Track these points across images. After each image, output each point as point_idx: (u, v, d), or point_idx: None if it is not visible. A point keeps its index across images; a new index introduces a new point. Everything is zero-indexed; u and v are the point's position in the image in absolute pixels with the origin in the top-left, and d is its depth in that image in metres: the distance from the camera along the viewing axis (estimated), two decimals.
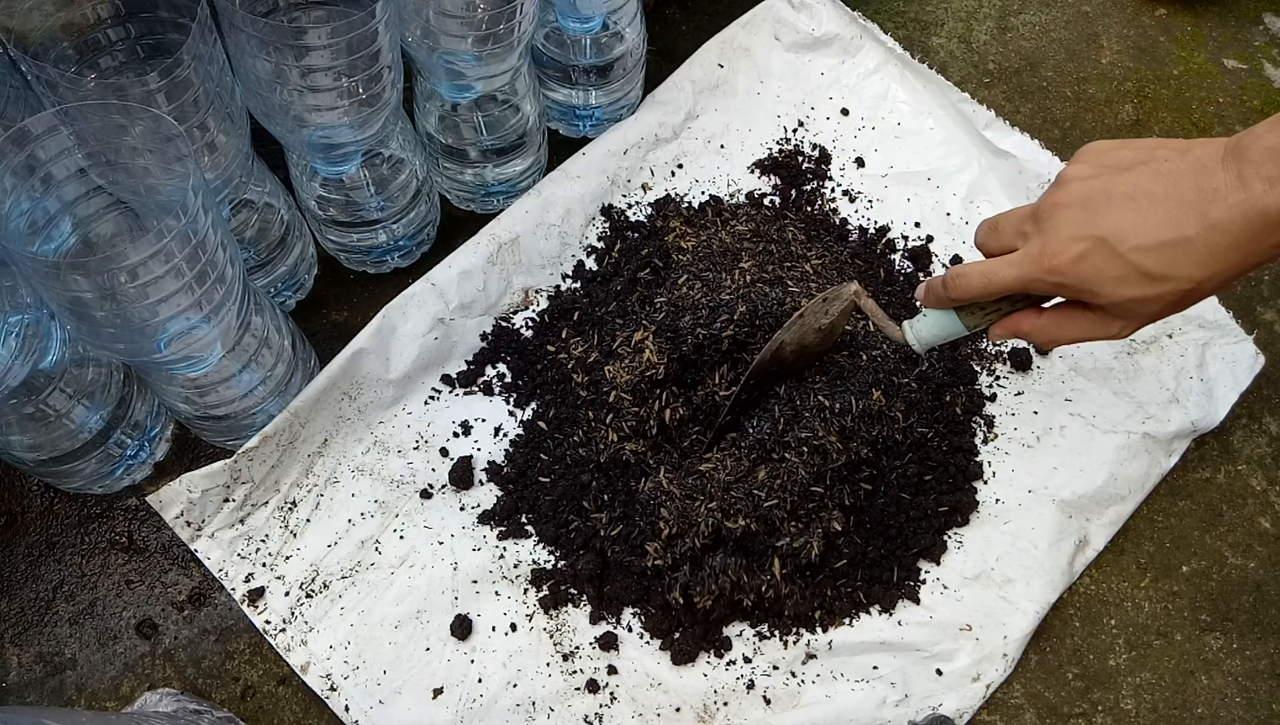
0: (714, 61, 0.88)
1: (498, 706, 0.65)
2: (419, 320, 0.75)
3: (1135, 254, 0.47)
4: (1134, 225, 0.47)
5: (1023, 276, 0.51)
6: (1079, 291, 0.49)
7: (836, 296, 0.61)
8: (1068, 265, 0.48)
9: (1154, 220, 0.47)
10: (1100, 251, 0.48)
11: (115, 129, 0.54)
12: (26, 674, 0.67)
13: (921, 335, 0.58)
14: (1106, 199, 0.48)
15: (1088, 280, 0.48)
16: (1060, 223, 0.49)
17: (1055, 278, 0.49)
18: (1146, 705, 0.67)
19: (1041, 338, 0.54)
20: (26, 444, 0.65)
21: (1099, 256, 0.48)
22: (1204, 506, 0.74)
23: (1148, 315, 0.50)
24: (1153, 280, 0.47)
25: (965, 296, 0.54)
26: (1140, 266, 0.47)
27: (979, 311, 0.55)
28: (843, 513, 0.66)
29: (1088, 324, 0.52)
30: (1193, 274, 0.47)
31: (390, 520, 0.71)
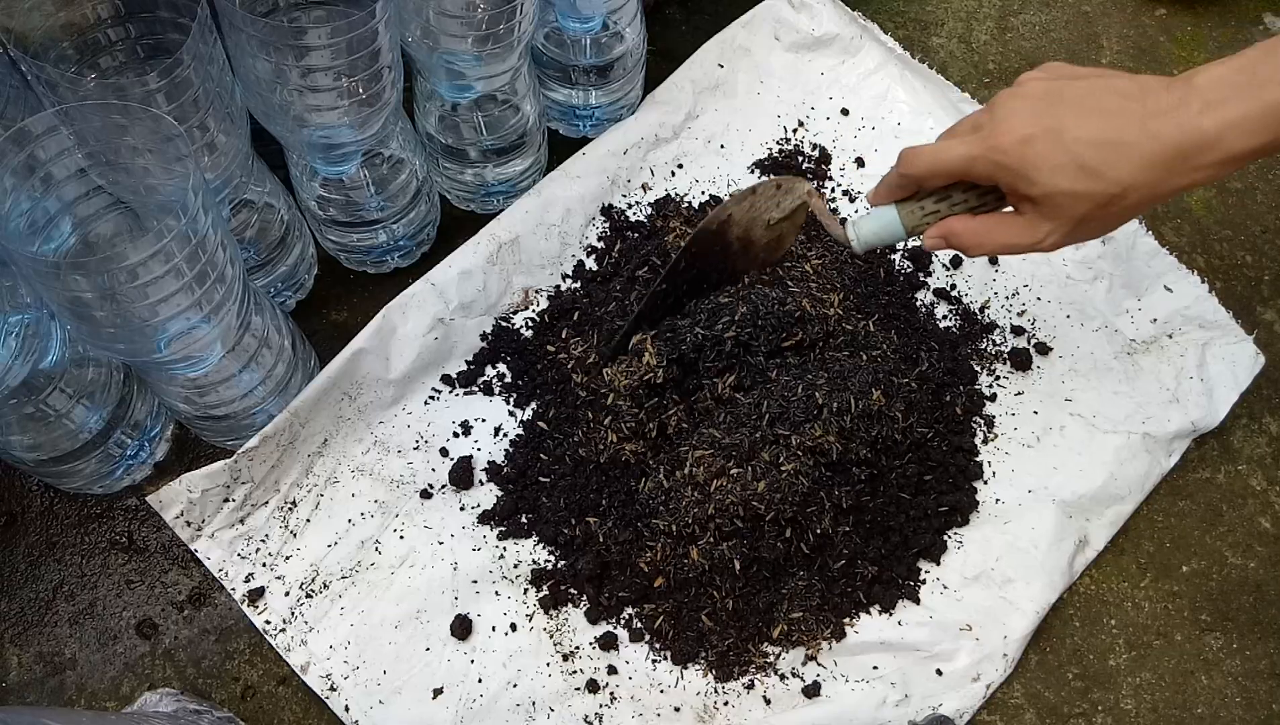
0: (714, 61, 0.88)
1: (498, 706, 0.65)
2: (419, 320, 0.75)
3: (1076, 145, 0.50)
4: (1079, 121, 0.50)
5: (968, 153, 0.53)
6: (1017, 174, 0.52)
7: (790, 190, 0.62)
8: (1013, 145, 0.51)
9: (1098, 121, 0.50)
10: (1045, 138, 0.50)
11: (115, 129, 0.54)
12: (26, 674, 0.67)
13: (862, 232, 0.59)
14: (1059, 97, 0.51)
15: (1028, 163, 0.51)
16: (1012, 111, 0.52)
17: (998, 156, 0.52)
18: (1146, 705, 0.67)
19: (970, 241, 0.56)
20: (26, 444, 0.65)
21: (1043, 143, 0.50)
22: (1204, 506, 0.74)
23: (1074, 217, 0.52)
24: (1087, 174, 0.50)
25: (913, 170, 0.56)
26: (1079, 157, 0.50)
27: (918, 210, 0.57)
28: (842, 513, 0.66)
29: (1017, 229, 0.54)
30: (1123, 177, 0.50)
31: (390, 520, 0.71)
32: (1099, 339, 0.78)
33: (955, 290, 0.80)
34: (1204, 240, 0.84)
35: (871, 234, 0.59)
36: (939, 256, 0.81)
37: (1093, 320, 0.78)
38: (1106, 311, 0.79)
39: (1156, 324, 0.78)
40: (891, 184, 0.58)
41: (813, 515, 0.65)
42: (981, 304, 0.79)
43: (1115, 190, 0.50)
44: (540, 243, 0.79)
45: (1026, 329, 0.78)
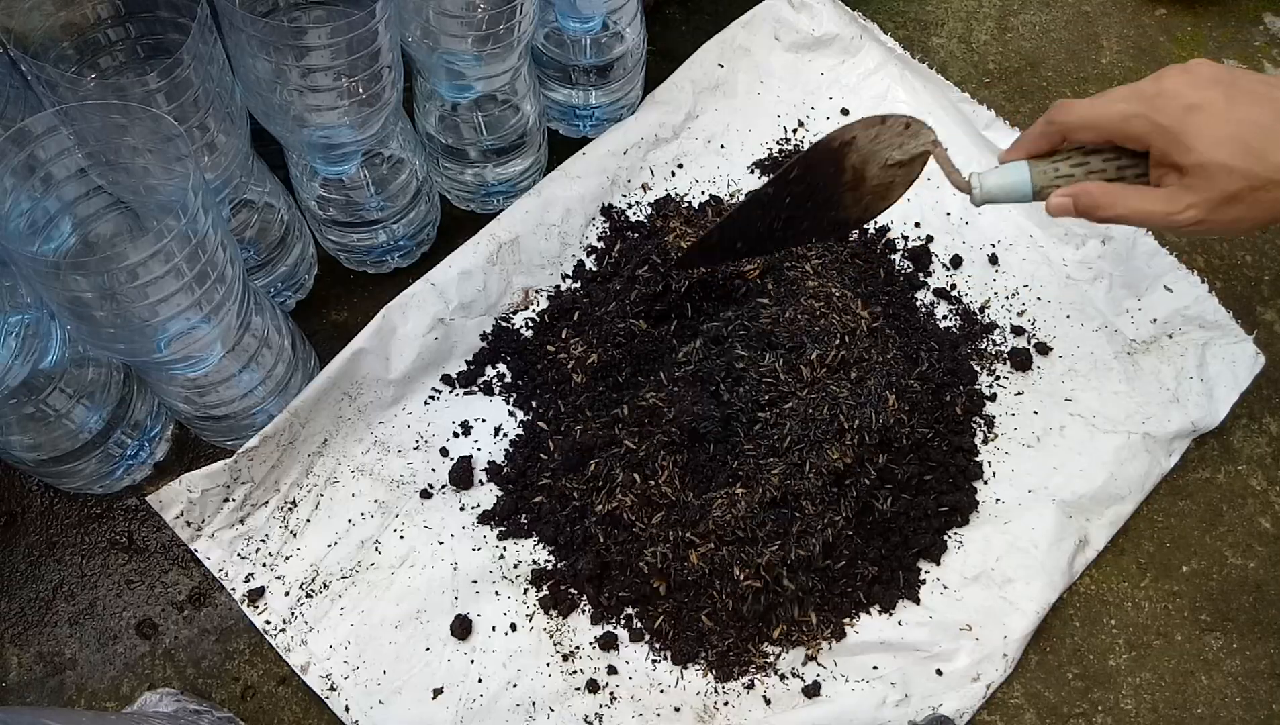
0: (714, 61, 0.88)
1: (498, 706, 0.65)
2: (419, 320, 0.75)
3: (1243, 124, 0.49)
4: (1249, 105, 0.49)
5: (1128, 110, 0.52)
6: (1174, 139, 0.50)
7: (916, 133, 0.60)
8: (1177, 109, 0.50)
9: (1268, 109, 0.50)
10: (1211, 110, 0.49)
11: (115, 129, 0.54)
12: (26, 674, 0.67)
13: (988, 184, 0.57)
14: (1232, 82, 0.51)
15: (1189, 129, 0.50)
16: (1182, 81, 0.51)
17: (1160, 116, 0.50)
18: (1146, 705, 0.67)
19: (1104, 200, 0.54)
20: (26, 444, 0.65)
21: (1208, 113, 0.49)
22: (1204, 506, 0.74)
23: (1223, 194, 0.50)
24: (1249, 152, 0.49)
25: (1066, 118, 0.54)
26: (1243, 134, 0.49)
27: (1051, 171, 0.56)
28: (845, 516, 0.66)
29: (1156, 198, 0.52)
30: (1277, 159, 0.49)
31: (390, 520, 0.71)
32: (1099, 339, 0.78)
33: (955, 290, 0.80)
34: (1204, 240, 0.84)
35: (998, 187, 0.57)
36: (939, 256, 0.81)
37: (1093, 320, 0.78)
38: (1106, 311, 0.79)
39: (1156, 324, 0.78)
40: (1035, 134, 0.56)
41: (817, 517, 0.65)
42: (981, 304, 0.79)
43: (1274, 175, 0.49)
44: (540, 243, 0.79)
45: (1026, 329, 0.78)
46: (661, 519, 0.66)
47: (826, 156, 0.60)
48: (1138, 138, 0.52)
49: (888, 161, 0.61)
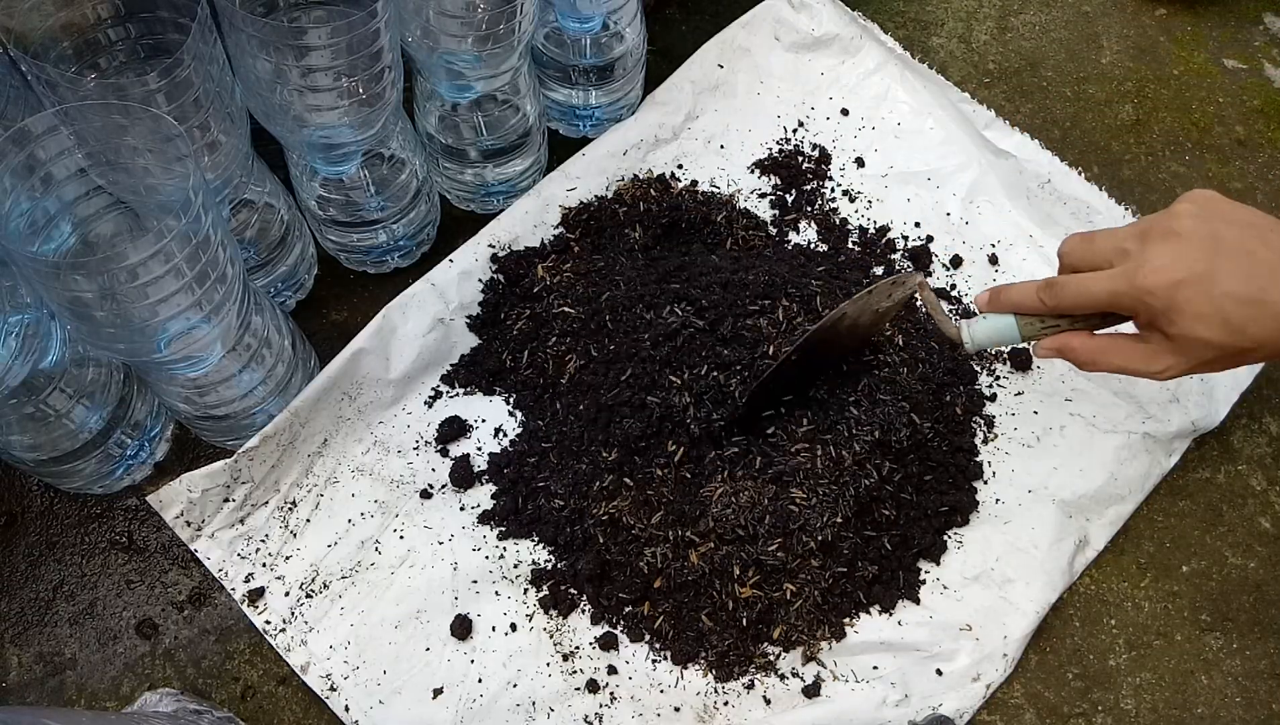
0: (714, 62, 0.88)
1: (498, 706, 0.65)
2: (419, 320, 0.75)
3: (1224, 299, 0.50)
4: (1231, 274, 0.51)
5: (1115, 291, 0.54)
6: (1160, 314, 0.52)
7: (903, 283, 0.63)
8: (1164, 288, 0.51)
9: (1249, 276, 0.51)
10: (1194, 285, 0.51)
11: (115, 129, 0.54)
12: (26, 674, 0.67)
13: (977, 337, 0.60)
14: (1215, 242, 0.51)
15: (1174, 307, 0.51)
16: (1167, 249, 0.52)
17: (1146, 297, 0.52)
18: (1146, 705, 0.67)
19: (1085, 359, 0.57)
20: (26, 444, 0.65)
21: (1194, 289, 0.51)
22: (1204, 506, 0.74)
23: (1200, 361, 0.53)
24: (1229, 329, 0.51)
25: (1060, 304, 0.56)
26: (1224, 312, 0.51)
27: (1038, 323, 0.58)
28: (845, 516, 0.66)
29: (1138, 355, 0.55)
30: (1260, 335, 0.51)
31: (390, 520, 0.71)
32: None
33: (955, 290, 0.80)
34: None
35: (986, 338, 0.60)
36: (939, 256, 0.81)
37: None
38: None
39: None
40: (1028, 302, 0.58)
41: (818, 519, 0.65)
42: None
43: (1249, 346, 0.52)
44: (540, 243, 0.79)
45: None
46: (660, 519, 0.66)
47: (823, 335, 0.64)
48: (1127, 310, 0.55)
49: (878, 309, 0.65)
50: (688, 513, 0.66)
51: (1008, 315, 0.59)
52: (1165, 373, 0.55)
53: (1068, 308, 0.56)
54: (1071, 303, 0.55)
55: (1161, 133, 0.90)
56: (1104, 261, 0.54)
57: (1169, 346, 0.54)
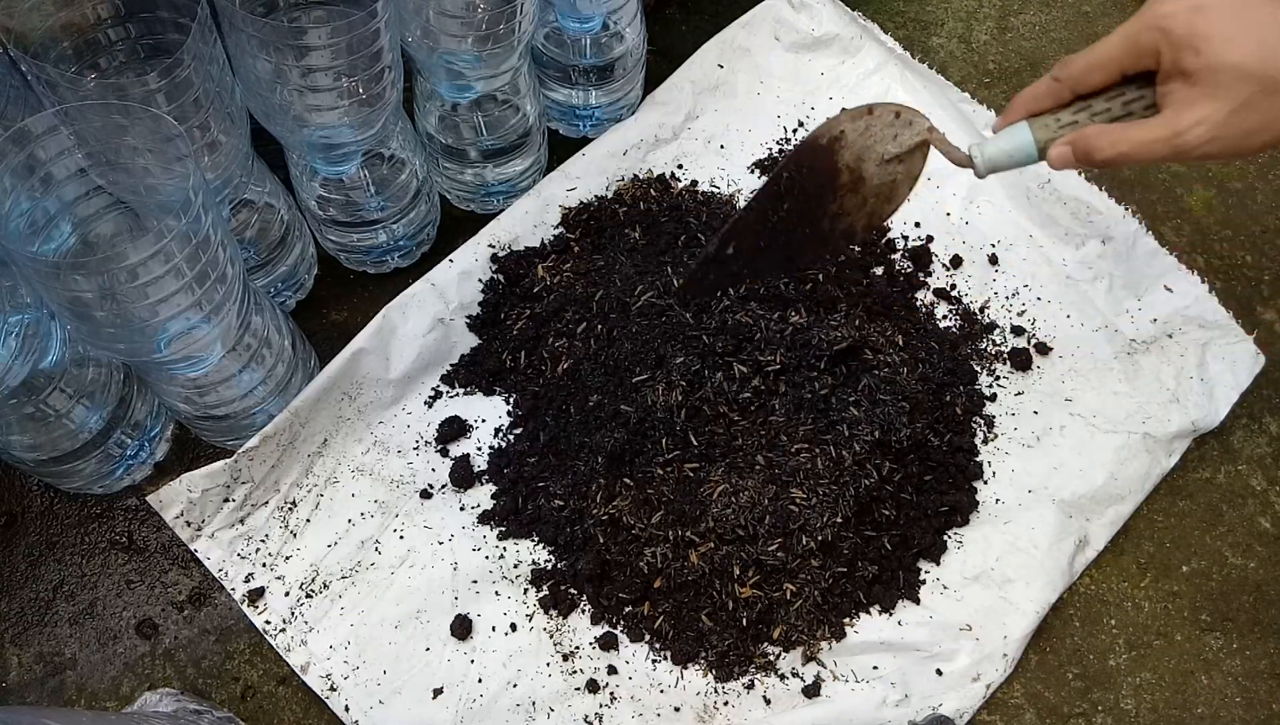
0: (714, 62, 0.88)
1: (498, 706, 0.65)
2: (419, 320, 0.75)
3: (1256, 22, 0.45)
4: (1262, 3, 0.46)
5: (1128, 33, 0.49)
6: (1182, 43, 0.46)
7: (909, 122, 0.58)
8: (1182, 11, 0.46)
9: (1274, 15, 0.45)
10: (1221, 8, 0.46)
11: (115, 129, 0.54)
12: (26, 674, 0.67)
13: (990, 155, 0.56)
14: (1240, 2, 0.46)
15: (1197, 31, 0.46)
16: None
17: (1164, 22, 0.47)
18: (1146, 705, 0.67)
19: (1105, 142, 0.51)
20: (26, 444, 0.65)
21: (1218, 11, 0.46)
22: (1204, 506, 0.74)
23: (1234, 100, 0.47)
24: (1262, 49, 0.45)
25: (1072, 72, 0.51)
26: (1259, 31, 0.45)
27: (1053, 122, 0.53)
28: (845, 516, 0.66)
29: (1158, 123, 0.49)
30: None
31: (390, 520, 0.71)
32: (1099, 339, 0.78)
33: (955, 290, 0.80)
34: (1204, 240, 0.84)
35: (1001, 153, 0.55)
36: (939, 256, 0.81)
37: (1093, 320, 0.78)
38: (1106, 311, 0.79)
39: (1156, 324, 0.78)
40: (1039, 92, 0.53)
41: (818, 520, 0.65)
42: (981, 304, 0.79)
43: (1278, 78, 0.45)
44: (539, 243, 0.79)
45: (1026, 329, 0.78)
46: (661, 519, 0.66)
47: (819, 156, 0.58)
48: (1147, 50, 0.49)
49: (884, 157, 0.59)
50: (688, 513, 0.66)
51: (1021, 126, 0.54)
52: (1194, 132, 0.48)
53: (1080, 70, 0.50)
54: (1084, 64, 0.50)
55: None
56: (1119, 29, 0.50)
57: (1195, 93, 0.47)
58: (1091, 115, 0.53)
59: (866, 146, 0.59)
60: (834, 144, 0.58)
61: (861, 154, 0.59)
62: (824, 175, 0.60)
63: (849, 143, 0.59)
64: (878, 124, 0.58)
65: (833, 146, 0.58)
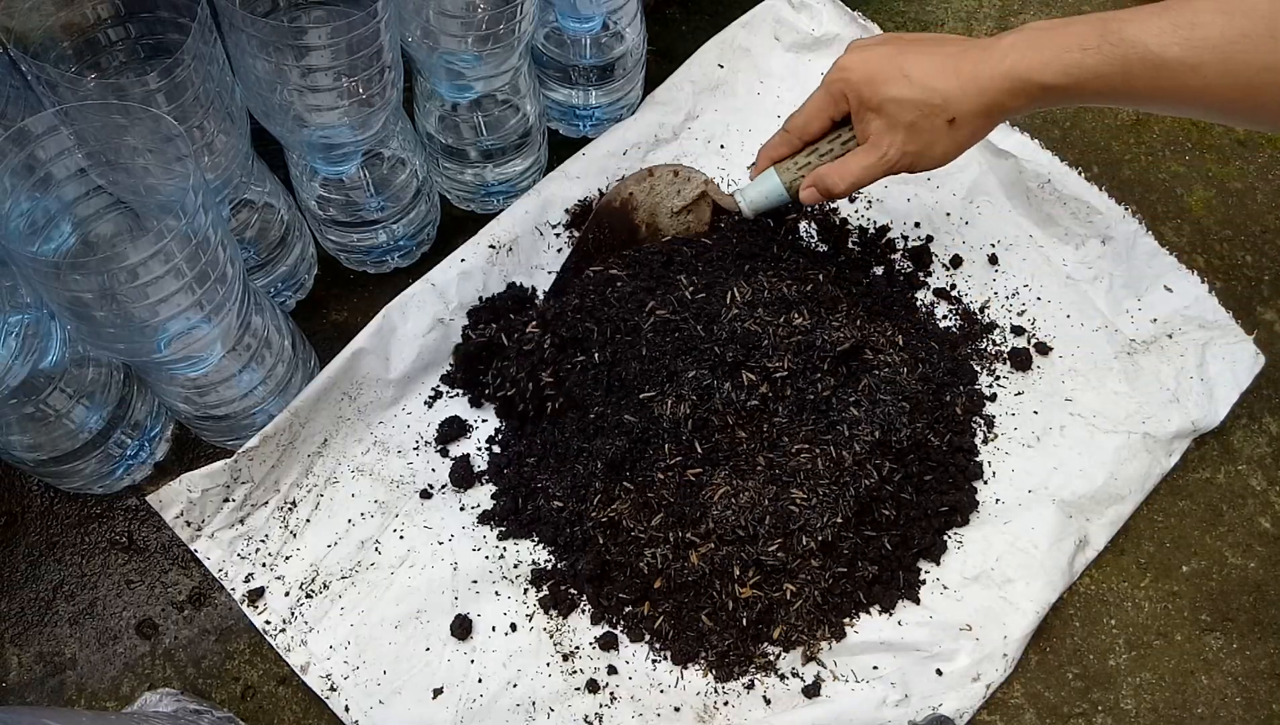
0: (714, 62, 0.88)
1: (498, 706, 0.65)
2: (419, 320, 0.75)
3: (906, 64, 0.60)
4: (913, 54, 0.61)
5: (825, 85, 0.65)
6: (860, 87, 0.62)
7: (688, 178, 0.70)
8: (856, 65, 0.62)
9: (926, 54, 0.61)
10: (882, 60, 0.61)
11: (115, 129, 0.54)
12: (26, 674, 0.67)
13: (751, 198, 0.68)
14: (896, 41, 0.63)
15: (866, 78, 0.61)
16: (854, 48, 0.64)
17: (846, 74, 0.62)
18: (1146, 705, 0.67)
19: (833, 176, 0.64)
20: (26, 444, 0.65)
21: (880, 63, 0.61)
22: (1204, 506, 0.74)
23: (905, 123, 0.61)
24: (912, 83, 0.60)
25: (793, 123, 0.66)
26: (906, 72, 0.60)
27: (792, 166, 0.67)
28: (845, 516, 0.66)
29: (865, 152, 0.63)
30: (941, 87, 0.59)
31: (390, 520, 0.71)
32: (1099, 339, 0.78)
33: (955, 290, 0.80)
34: (1204, 240, 0.84)
35: (759, 195, 0.67)
36: (939, 256, 0.81)
37: (1093, 320, 0.78)
38: (1106, 311, 0.79)
39: (1156, 324, 0.78)
40: (775, 143, 0.68)
41: (818, 520, 0.65)
42: (981, 304, 0.79)
43: (937, 100, 0.60)
44: (540, 243, 0.79)
45: (1026, 329, 0.78)
46: (661, 521, 0.66)
47: (615, 216, 0.70)
48: (840, 96, 0.63)
49: (673, 210, 0.71)
50: (688, 514, 0.66)
51: (769, 172, 0.67)
52: (892, 152, 0.62)
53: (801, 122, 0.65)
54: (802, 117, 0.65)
55: (1161, 132, 0.90)
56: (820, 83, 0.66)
57: (881, 123, 0.61)
58: (819, 156, 0.67)
59: (655, 203, 0.70)
60: (625, 205, 0.70)
61: (653, 210, 0.71)
62: (625, 231, 0.71)
63: (639, 203, 0.70)
64: (660, 183, 0.70)
65: (625, 208, 0.70)
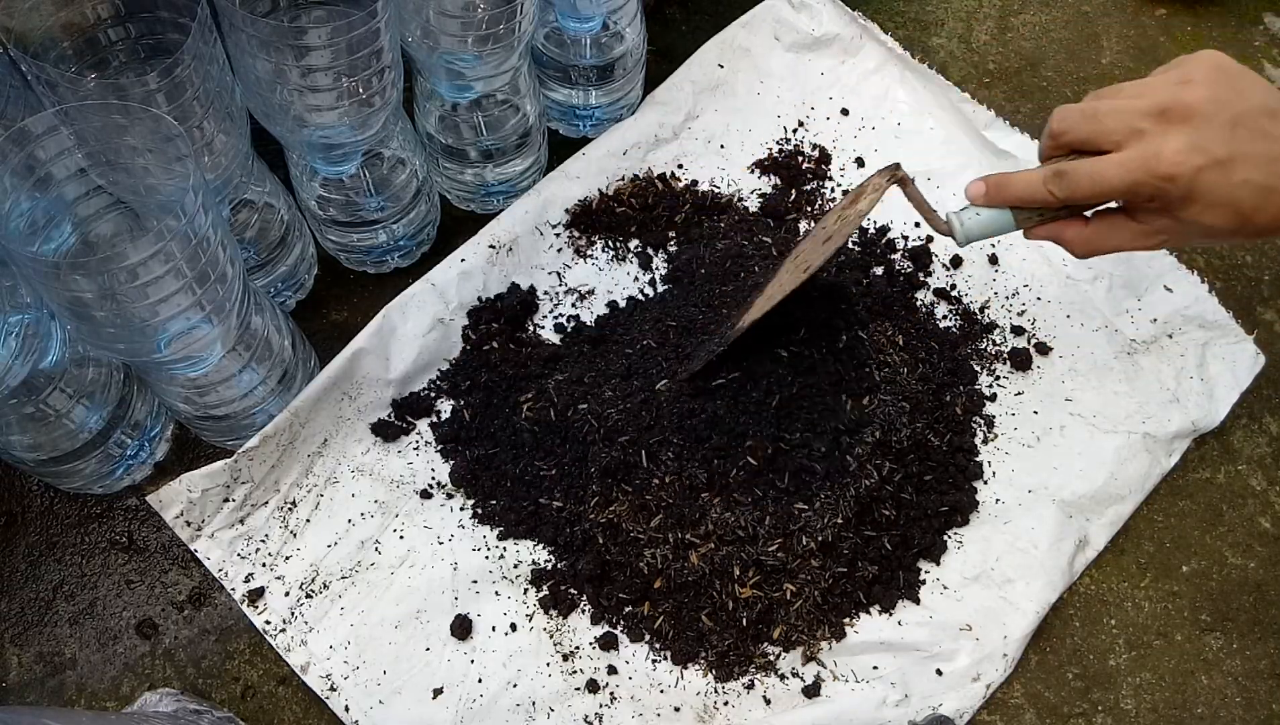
0: (714, 62, 0.88)
1: (498, 706, 0.65)
2: (419, 320, 0.75)
3: (1242, 188, 0.49)
4: (1249, 160, 0.49)
5: (1131, 180, 0.50)
6: (1175, 201, 0.50)
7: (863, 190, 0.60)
8: (1188, 174, 0.49)
9: (1267, 162, 0.48)
10: (1217, 171, 0.49)
11: (115, 129, 0.54)
12: (26, 674, 0.67)
13: (971, 231, 0.58)
14: (1234, 124, 0.49)
15: (1193, 195, 0.49)
16: (1186, 132, 0.49)
17: (1165, 185, 0.49)
18: (1146, 705, 0.67)
19: (1081, 248, 0.55)
20: (26, 444, 0.65)
21: (1214, 175, 0.49)
22: (1204, 506, 0.74)
23: (1202, 237, 0.52)
24: (1238, 215, 0.49)
25: (1073, 198, 0.53)
26: (1237, 200, 0.49)
27: (1034, 215, 0.55)
28: (845, 516, 0.66)
29: (1131, 234, 0.53)
30: (1262, 220, 0.50)
31: (390, 520, 0.71)
32: (1099, 339, 0.78)
33: (955, 290, 0.80)
34: None
35: (980, 231, 0.58)
36: (939, 256, 0.81)
37: (1093, 320, 0.78)
38: (1106, 311, 0.79)
39: (1156, 324, 0.78)
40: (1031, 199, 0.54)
41: (815, 525, 0.65)
42: (981, 304, 0.79)
43: (1250, 232, 0.50)
44: (540, 243, 0.79)
45: (1026, 329, 0.78)
46: (660, 522, 0.66)
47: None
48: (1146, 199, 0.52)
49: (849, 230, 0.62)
50: (687, 514, 0.66)
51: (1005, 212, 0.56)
52: (1162, 244, 0.54)
53: (1079, 199, 0.52)
54: (1084, 194, 0.52)
55: None
56: (1111, 141, 0.51)
57: (1170, 224, 0.52)
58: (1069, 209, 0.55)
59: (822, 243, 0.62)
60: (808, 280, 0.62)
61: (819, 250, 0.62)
62: None
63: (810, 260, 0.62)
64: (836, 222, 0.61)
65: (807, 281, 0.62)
